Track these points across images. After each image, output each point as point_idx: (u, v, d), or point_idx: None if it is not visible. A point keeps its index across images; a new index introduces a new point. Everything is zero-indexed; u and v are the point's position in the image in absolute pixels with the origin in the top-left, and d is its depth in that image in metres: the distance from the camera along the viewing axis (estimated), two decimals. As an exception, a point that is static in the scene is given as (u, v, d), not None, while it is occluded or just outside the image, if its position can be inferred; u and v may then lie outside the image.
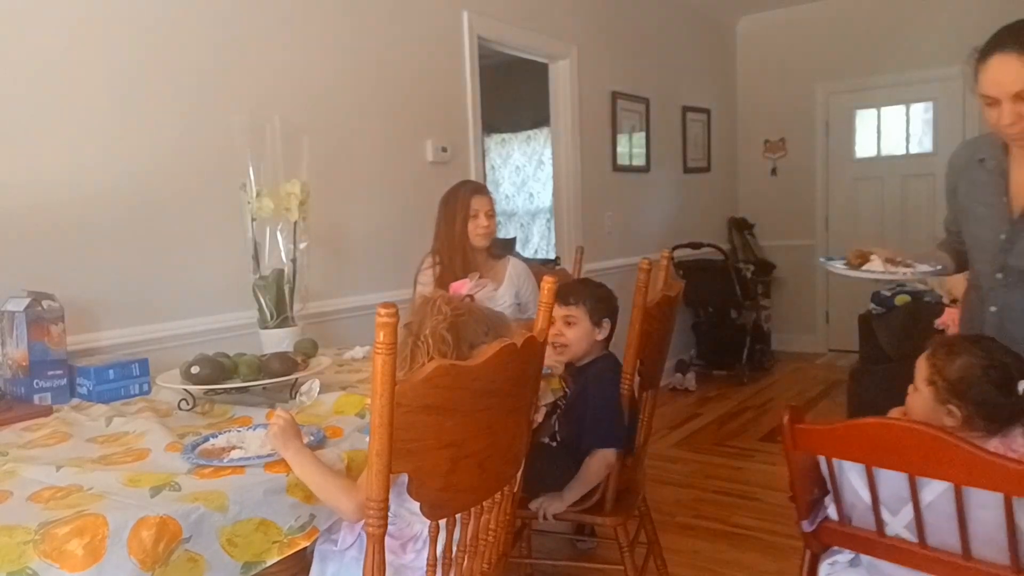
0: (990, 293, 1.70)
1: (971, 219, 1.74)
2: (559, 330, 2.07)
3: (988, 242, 1.68)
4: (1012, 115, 1.48)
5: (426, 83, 3.35)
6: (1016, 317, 1.68)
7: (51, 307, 1.89)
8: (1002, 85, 1.47)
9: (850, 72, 5.68)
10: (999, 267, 1.67)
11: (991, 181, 1.68)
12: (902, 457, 1.20)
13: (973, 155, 1.75)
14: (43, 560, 1.04)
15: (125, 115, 2.29)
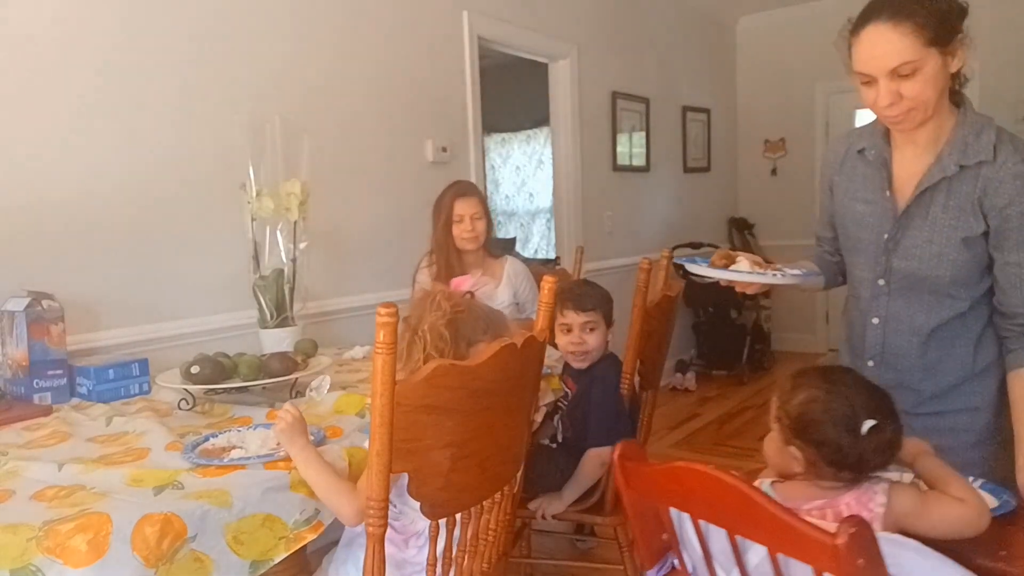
0: (872, 303, 1.52)
1: (849, 219, 1.55)
2: (580, 338, 2.06)
3: (869, 244, 1.50)
4: (890, 94, 1.30)
5: (426, 83, 3.36)
6: (901, 329, 1.49)
7: (51, 307, 1.90)
8: (876, 60, 1.29)
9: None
10: (881, 271, 1.49)
11: (872, 174, 1.50)
12: (719, 512, 0.99)
13: (852, 146, 1.56)
14: (47, 556, 1.05)
15: (125, 115, 2.29)
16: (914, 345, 1.48)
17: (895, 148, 1.47)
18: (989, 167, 1.36)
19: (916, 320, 1.47)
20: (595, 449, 1.98)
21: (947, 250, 1.39)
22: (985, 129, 1.39)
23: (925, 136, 1.41)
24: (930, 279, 1.43)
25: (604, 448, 1.98)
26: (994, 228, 1.37)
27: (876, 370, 1.52)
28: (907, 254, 1.44)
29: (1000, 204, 1.35)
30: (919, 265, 1.43)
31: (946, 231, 1.39)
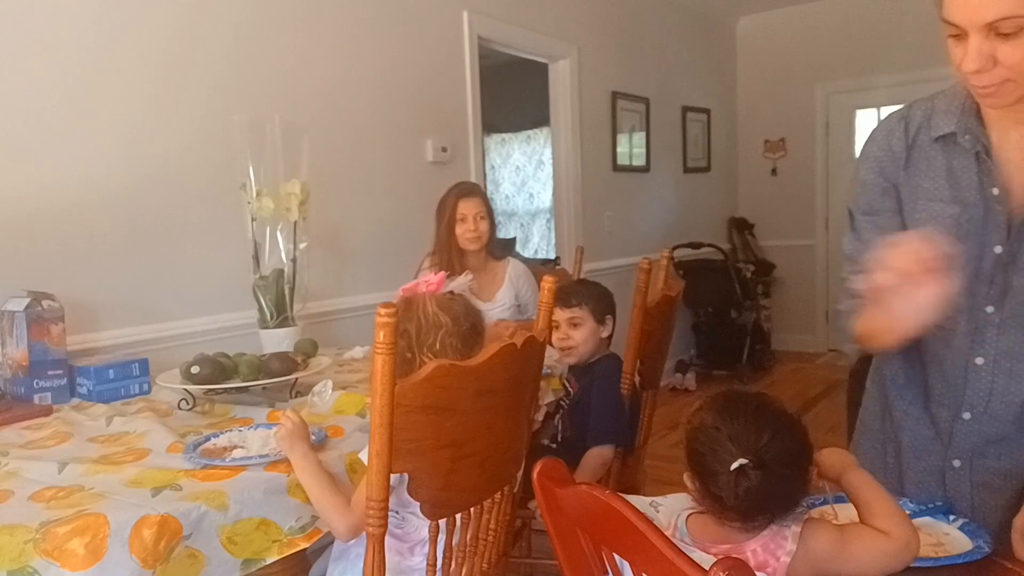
0: (975, 338, 1.15)
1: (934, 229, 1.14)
2: (565, 333, 2.07)
3: (971, 260, 1.12)
4: (980, 57, 0.99)
5: (426, 83, 3.35)
6: (1018, 370, 1.13)
7: (51, 307, 1.90)
8: (969, 7, 0.97)
9: (850, 72, 5.68)
10: (994, 296, 1.12)
11: (966, 166, 1.12)
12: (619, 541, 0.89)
13: (923, 129, 1.18)
14: (44, 559, 1.04)
15: (125, 116, 2.29)
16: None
17: (992, 129, 1.11)
18: None
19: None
20: (596, 448, 1.98)
21: None
22: None
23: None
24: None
25: (605, 447, 1.97)
26: None
27: (974, 424, 1.17)
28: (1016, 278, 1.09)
29: None
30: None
31: None
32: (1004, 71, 0.98)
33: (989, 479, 1.17)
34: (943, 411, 1.21)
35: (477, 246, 2.62)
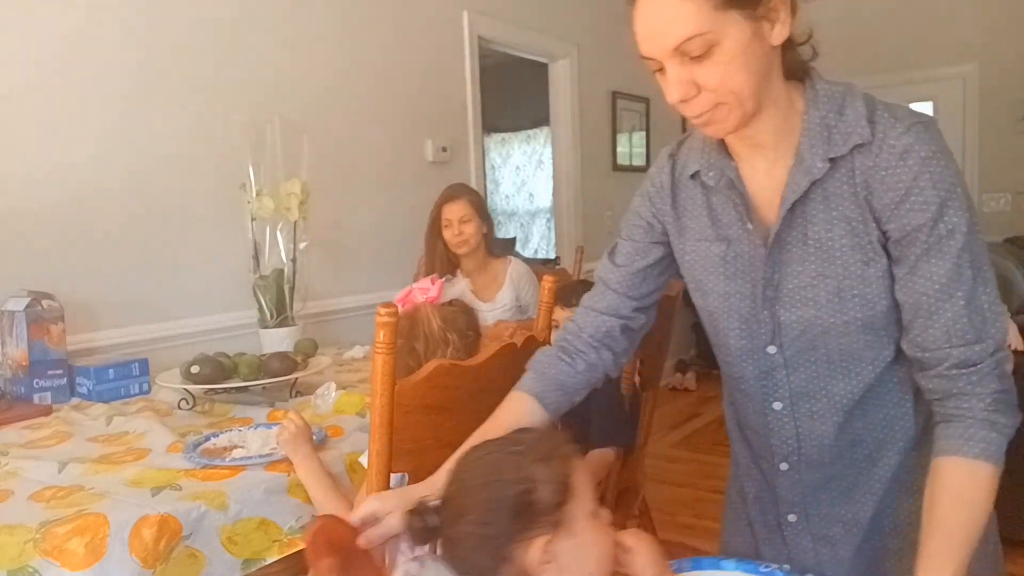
0: (766, 383, 1.05)
1: (702, 270, 1.07)
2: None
3: (742, 299, 1.03)
4: (681, 85, 0.89)
5: (426, 83, 3.35)
6: (818, 410, 1.03)
7: (51, 307, 1.90)
8: (655, 37, 0.89)
9: (850, 72, 5.65)
10: (769, 334, 1.02)
11: (720, 202, 1.04)
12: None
13: (680, 168, 1.09)
14: (44, 559, 1.04)
15: (125, 115, 2.29)
16: (836, 429, 1.03)
17: (740, 160, 1.02)
18: (866, 151, 0.93)
19: (834, 391, 1.01)
20: (597, 451, 1.98)
21: (848, 282, 0.96)
22: (848, 100, 0.96)
23: (770, 134, 0.97)
24: (836, 328, 0.98)
25: (606, 449, 1.97)
26: (893, 235, 0.93)
27: (794, 474, 1.08)
28: (796, 300, 0.99)
29: (893, 199, 0.91)
30: (816, 312, 0.98)
31: (839, 255, 0.96)
32: (710, 95, 0.90)
33: (829, 531, 1.08)
34: (763, 463, 1.12)
35: (465, 249, 2.60)
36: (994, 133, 5.11)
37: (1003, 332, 0.92)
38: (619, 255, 1.15)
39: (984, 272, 0.92)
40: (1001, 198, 5.21)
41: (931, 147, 0.90)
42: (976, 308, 0.91)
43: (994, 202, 5.24)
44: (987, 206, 5.26)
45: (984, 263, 0.92)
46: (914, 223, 0.91)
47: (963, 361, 0.91)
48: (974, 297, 0.91)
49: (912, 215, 0.91)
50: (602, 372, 1.15)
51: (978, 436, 0.90)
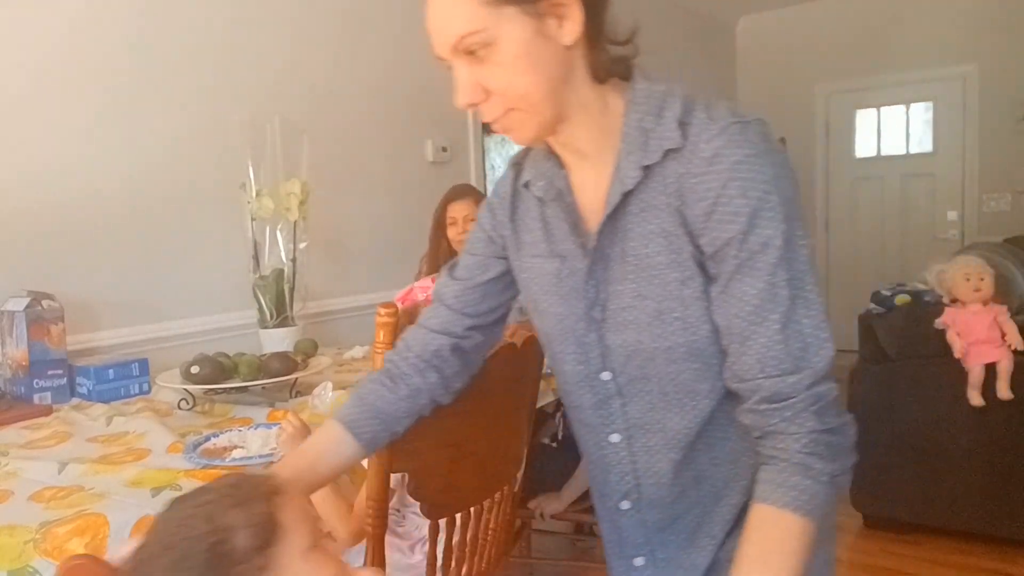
0: (602, 412, 0.95)
1: (538, 288, 0.98)
2: None
3: (575, 320, 0.93)
4: (467, 88, 0.83)
5: (426, 83, 3.35)
6: (653, 444, 0.92)
7: (51, 307, 1.90)
8: (435, 35, 0.84)
9: (850, 72, 5.68)
10: (599, 359, 0.92)
11: (553, 215, 0.95)
12: None
13: (515, 182, 1.01)
14: (44, 559, 1.04)
15: (125, 115, 2.29)
16: (673, 467, 0.92)
17: (571, 170, 0.93)
18: (679, 158, 0.83)
19: (670, 425, 0.90)
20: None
21: (668, 304, 0.85)
22: (668, 102, 0.88)
23: (587, 142, 0.89)
24: (661, 354, 0.87)
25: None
26: (706, 249, 0.83)
27: (636, 514, 0.97)
28: (619, 323, 0.89)
29: (704, 209, 0.81)
30: (639, 336, 0.88)
31: (657, 274, 0.86)
32: (500, 99, 0.83)
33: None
34: (607, 500, 1.01)
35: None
36: (994, 133, 5.11)
37: (827, 361, 0.79)
38: (460, 268, 1.07)
39: (806, 292, 0.80)
40: (1001, 198, 5.21)
41: (745, 150, 0.80)
42: (794, 334, 0.79)
43: (994, 202, 5.24)
44: (987, 206, 5.27)
45: (807, 282, 0.80)
46: (723, 236, 0.80)
47: (774, 395, 0.79)
48: (791, 321, 0.79)
49: (721, 227, 0.80)
50: (428, 398, 1.05)
51: (789, 483, 0.78)
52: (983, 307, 2.49)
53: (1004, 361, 2.45)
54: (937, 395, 2.61)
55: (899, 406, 2.68)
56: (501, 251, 1.03)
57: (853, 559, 2.66)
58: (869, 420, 2.75)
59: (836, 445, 0.79)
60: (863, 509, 2.81)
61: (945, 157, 5.41)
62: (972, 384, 2.49)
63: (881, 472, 2.72)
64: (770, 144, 0.82)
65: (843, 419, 0.81)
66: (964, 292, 2.51)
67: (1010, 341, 2.45)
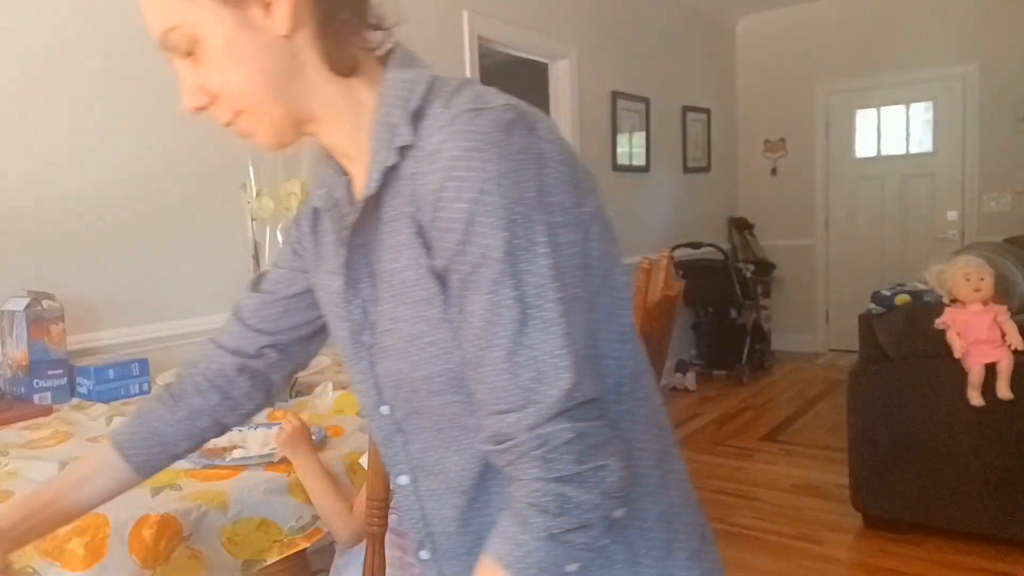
0: (387, 448, 0.85)
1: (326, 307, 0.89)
2: None
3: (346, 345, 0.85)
4: (189, 91, 0.79)
5: (426, 83, 3.35)
6: (437, 488, 0.81)
7: (51, 307, 1.89)
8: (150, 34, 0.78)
9: (850, 72, 5.68)
10: (376, 393, 0.83)
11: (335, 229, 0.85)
12: None
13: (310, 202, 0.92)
14: (44, 559, 1.04)
15: (125, 114, 2.29)
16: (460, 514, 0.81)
17: (352, 177, 0.85)
18: (412, 155, 0.72)
19: (449, 466, 0.79)
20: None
21: (419, 326, 0.75)
22: (415, 92, 0.75)
23: (347, 144, 0.80)
24: (422, 385, 0.77)
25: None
26: (438, 262, 0.71)
27: (434, 566, 0.85)
28: (383, 349, 0.80)
29: (429, 215, 0.70)
30: (398, 363, 0.78)
31: (407, 292, 0.75)
32: (226, 102, 0.76)
33: None
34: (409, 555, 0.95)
35: None
36: (994, 133, 5.11)
37: (560, 395, 0.65)
38: (265, 281, 0.98)
39: (544, 311, 0.66)
40: (1001, 198, 5.21)
41: (465, 143, 0.67)
42: (526, 362, 0.66)
43: (994, 202, 5.24)
44: (987, 206, 5.27)
45: (546, 298, 0.66)
46: (445, 246, 0.69)
47: (495, 435, 0.68)
48: (522, 347, 0.66)
49: (442, 236, 0.69)
50: (211, 420, 0.96)
51: (507, 533, 0.68)
52: (983, 307, 2.49)
53: (1004, 361, 2.45)
54: (937, 395, 2.61)
55: (899, 406, 2.68)
56: (305, 264, 0.92)
57: (853, 559, 2.66)
58: (869, 420, 2.75)
59: (569, 497, 0.65)
60: (863, 509, 2.81)
61: (945, 157, 5.41)
62: (972, 384, 2.49)
63: (881, 472, 2.72)
64: (508, 134, 0.67)
65: (588, 465, 0.66)
66: (964, 292, 2.51)
67: (1010, 341, 2.45)
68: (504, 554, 0.67)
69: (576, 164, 0.73)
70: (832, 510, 2.99)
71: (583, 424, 0.66)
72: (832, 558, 2.64)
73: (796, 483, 3.31)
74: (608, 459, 0.67)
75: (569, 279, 0.68)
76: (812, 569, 2.55)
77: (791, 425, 4.21)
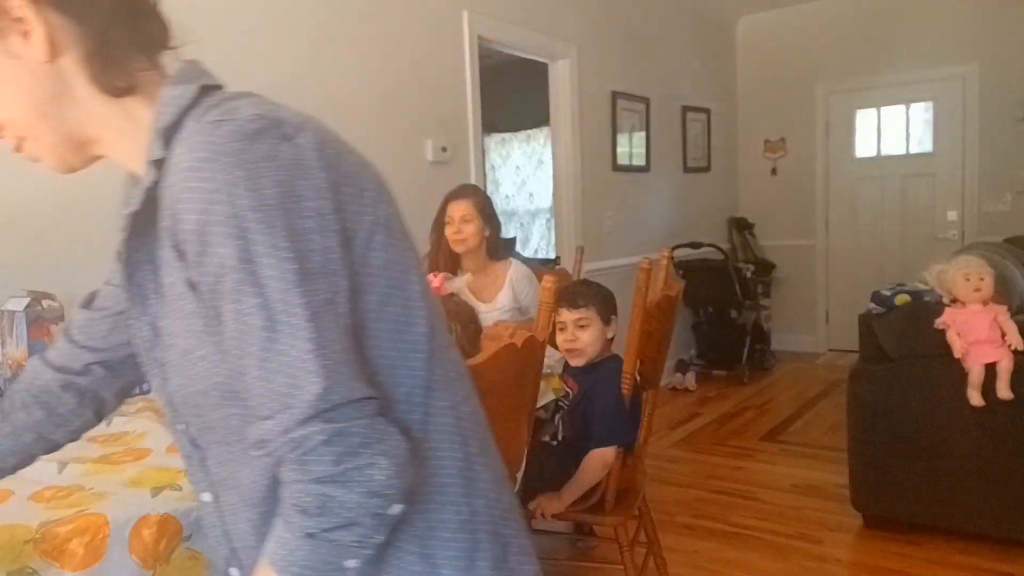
0: (189, 467, 0.86)
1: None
2: (573, 335, 2.06)
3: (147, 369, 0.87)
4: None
5: (426, 83, 3.35)
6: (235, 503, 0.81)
7: (51, 307, 1.90)
8: None
9: (850, 72, 5.68)
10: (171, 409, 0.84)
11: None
12: None
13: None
14: (44, 559, 1.04)
15: (125, 115, 2.29)
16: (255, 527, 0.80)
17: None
18: (166, 168, 0.73)
19: (242, 480, 0.80)
20: (598, 450, 1.98)
21: (190, 341, 0.76)
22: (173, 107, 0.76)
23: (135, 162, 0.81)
24: (201, 399, 0.78)
25: (607, 449, 1.98)
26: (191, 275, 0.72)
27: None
28: (170, 364, 0.80)
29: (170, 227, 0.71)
30: (180, 379, 0.79)
31: (176, 305, 0.76)
32: (6, 128, 0.77)
33: None
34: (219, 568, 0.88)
35: (462, 249, 2.61)
36: (994, 133, 5.11)
37: (310, 399, 0.66)
38: (96, 299, 0.97)
39: (291, 317, 0.67)
40: (1001, 198, 5.21)
41: (199, 154, 0.68)
42: (279, 368, 0.67)
43: (994, 202, 5.24)
44: (987, 206, 5.27)
45: (292, 303, 0.67)
46: (192, 259, 0.70)
47: (257, 441, 0.70)
48: (274, 353, 0.67)
49: (186, 247, 0.70)
50: (35, 436, 0.94)
51: (275, 532, 0.70)
52: (983, 307, 2.49)
53: (1004, 361, 2.45)
54: (937, 395, 2.61)
55: (899, 406, 2.68)
56: None
57: (853, 559, 2.66)
58: (869, 420, 2.75)
59: (331, 497, 0.67)
60: (863, 509, 2.81)
61: (945, 157, 5.41)
62: (972, 384, 2.49)
63: (881, 472, 2.72)
64: (249, 143, 0.68)
65: (347, 464, 0.67)
66: (964, 292, 2.51)
67: (1010, 341, 2.45)
68: (271, 552, 0.69)
69: (349, 172, 0.74)
70: (832, 510, 2.99)
71: (340, 425, 0.67)
72: (832, 558, 2.64)
73: (796, 483, 3.31)
74: (374, 458, 0.67)
75: (320, 284, 0.68)
76: (812, 569, 2.55)
77: (791, 425, 4.21)
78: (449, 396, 0.80)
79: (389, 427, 0.70)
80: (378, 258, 0.74)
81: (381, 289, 0.74)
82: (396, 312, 0.76)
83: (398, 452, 0.69)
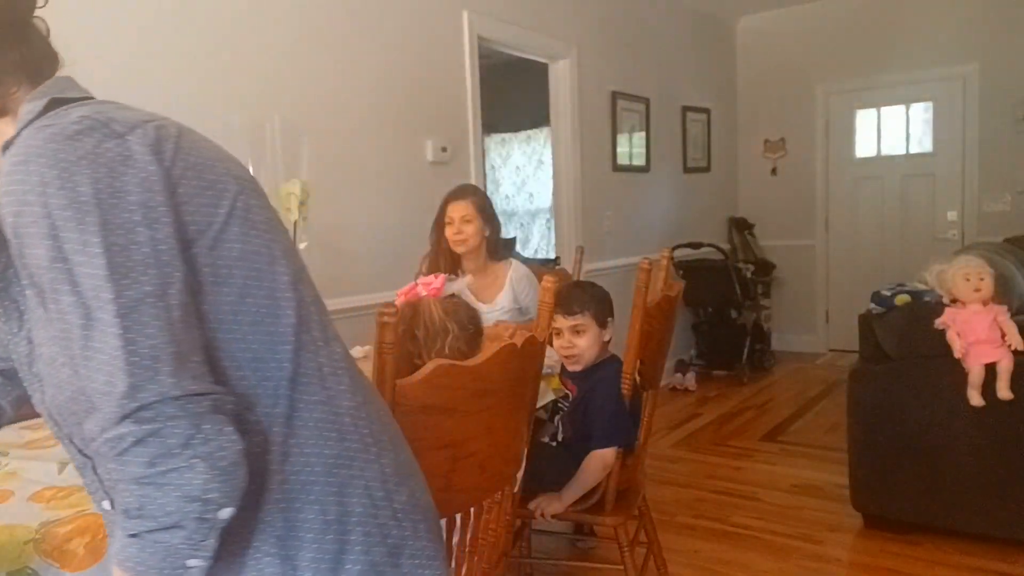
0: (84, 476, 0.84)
1: None
2: (569, 341, 2.05)
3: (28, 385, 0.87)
4: None
5: (426, 83, 3.35)
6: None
7: (51, 307, 1.89)
8: None
9: (850, 72, 5.68)
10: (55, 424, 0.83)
11: None
12: None
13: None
14: (44, 560, 1.04)
15: (125, 115, 2.29)
16: None
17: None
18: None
19: None
20: (598, 451, 1.98)
21: (52, 348, 0.75)
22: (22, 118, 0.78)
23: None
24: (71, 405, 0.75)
25: (607, 450, 1.97)
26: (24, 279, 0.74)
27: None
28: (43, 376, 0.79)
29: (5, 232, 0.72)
30: (51, 389, 0.78)
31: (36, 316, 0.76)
32: None
33: None
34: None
35: (462, 249, 2.61)
36: (994, 133, 5.11)
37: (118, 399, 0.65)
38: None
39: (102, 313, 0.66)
40: (1001, 198, 5.21)
41: (19, 156, 0.69)
42: (96, 367, 0.66)
43: (994, 202, 5.24)
44: (987, 206, 5.27)
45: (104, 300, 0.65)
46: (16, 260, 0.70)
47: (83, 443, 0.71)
48: (89, 351, 0.66)
49: (13, 250, 0.70)
50: None
51: (116, 533, 0.69)
52: (983, 307, 2.49)
53: (1004, 361, 2.45)
54: (937, 395, 2.61)
55: (899, 406, 2.68)
56: None
57: (853, 559, 2.66)
58: (869, 420, 2.75)
59: (151, 499, 0.65)
60: (863, 509, 2.81)
61: (945, 157, 5.41)
62: (972, 384, 2.49)
63: (881, 472, 2.72)
64: (68, 143, 0.69)
65: (160, 467, 0.65)
66: (964, 292, 2.51)
67: (1010, 341, 2.44)
68: (115, 552, 0.68)
69: (198, 165, 0.74)
70: (832, 510, 2.99)
71: (155, 426, 0.65)
72: (832, 558, 2.64)
73: (796, 483, 3.31)
74: (191, 461, 0.65)
75: (142, 277, 0.67)
76: (812, 569, 2.55)
77: (791, 425, 4.21)
78: (321, 390, 0.78)
79: (223, 427, 0.67)
80: (233, 249, 0.74)
81: (239, 280, 0.74)
82: (259, 304, 0.75)
83: (224, 454, 0.67)
